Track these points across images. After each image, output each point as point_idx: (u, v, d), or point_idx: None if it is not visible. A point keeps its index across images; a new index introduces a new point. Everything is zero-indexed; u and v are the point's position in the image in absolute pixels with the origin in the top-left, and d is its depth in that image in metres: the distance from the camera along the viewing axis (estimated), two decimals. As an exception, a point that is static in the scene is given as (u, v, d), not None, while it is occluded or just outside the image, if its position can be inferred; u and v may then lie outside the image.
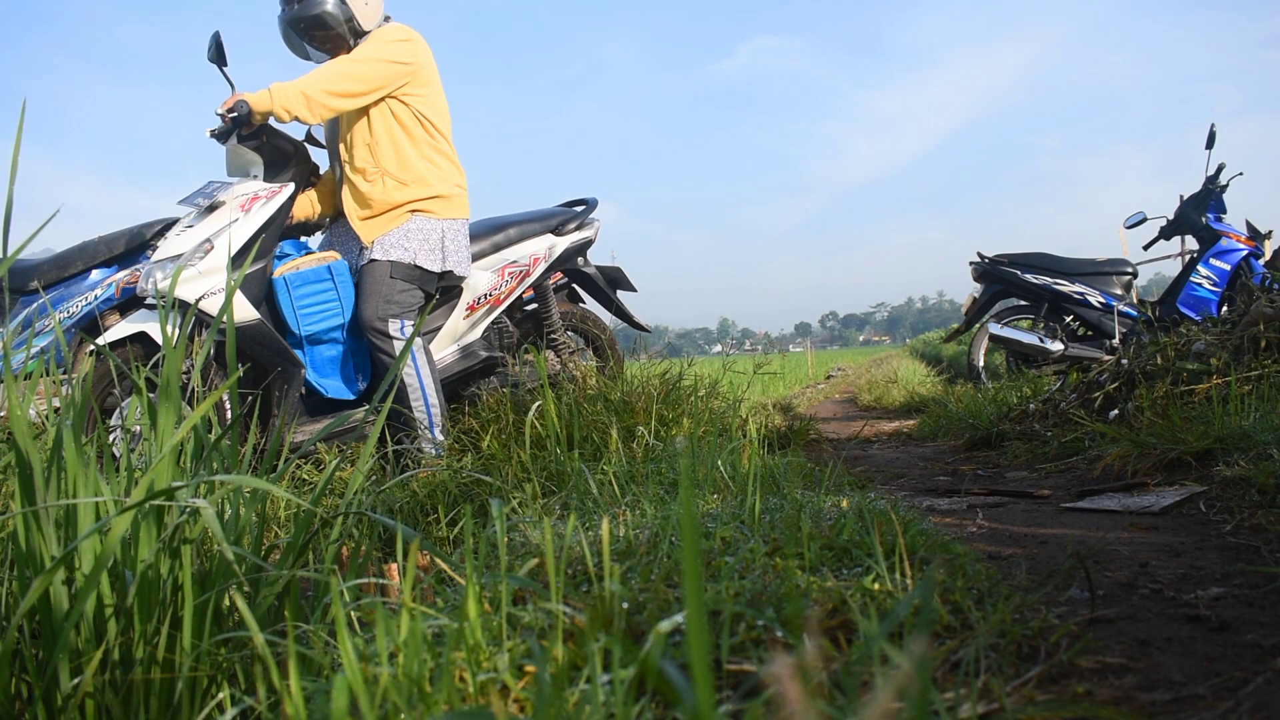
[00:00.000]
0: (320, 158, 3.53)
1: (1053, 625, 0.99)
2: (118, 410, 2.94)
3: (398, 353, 3.12)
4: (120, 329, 2.93)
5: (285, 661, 0.88)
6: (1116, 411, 2.92)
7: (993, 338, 6.00)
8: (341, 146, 3.29)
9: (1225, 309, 5.61)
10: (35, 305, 3.05)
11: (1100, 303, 5.89)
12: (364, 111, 3.20)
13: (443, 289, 3.43)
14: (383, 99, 3.18)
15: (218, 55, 3.08)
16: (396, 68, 3.15)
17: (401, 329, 3.15)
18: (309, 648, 1.00)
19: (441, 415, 3.18)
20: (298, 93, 3.00)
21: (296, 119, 3.04)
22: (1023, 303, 6.23)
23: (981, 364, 6.10)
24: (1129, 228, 6.63)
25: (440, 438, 3.11)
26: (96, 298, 3.14)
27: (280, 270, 3.16)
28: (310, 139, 3.50)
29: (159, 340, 2.92)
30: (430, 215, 3.24)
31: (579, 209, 3.84)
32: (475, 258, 3.50)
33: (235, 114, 2.97)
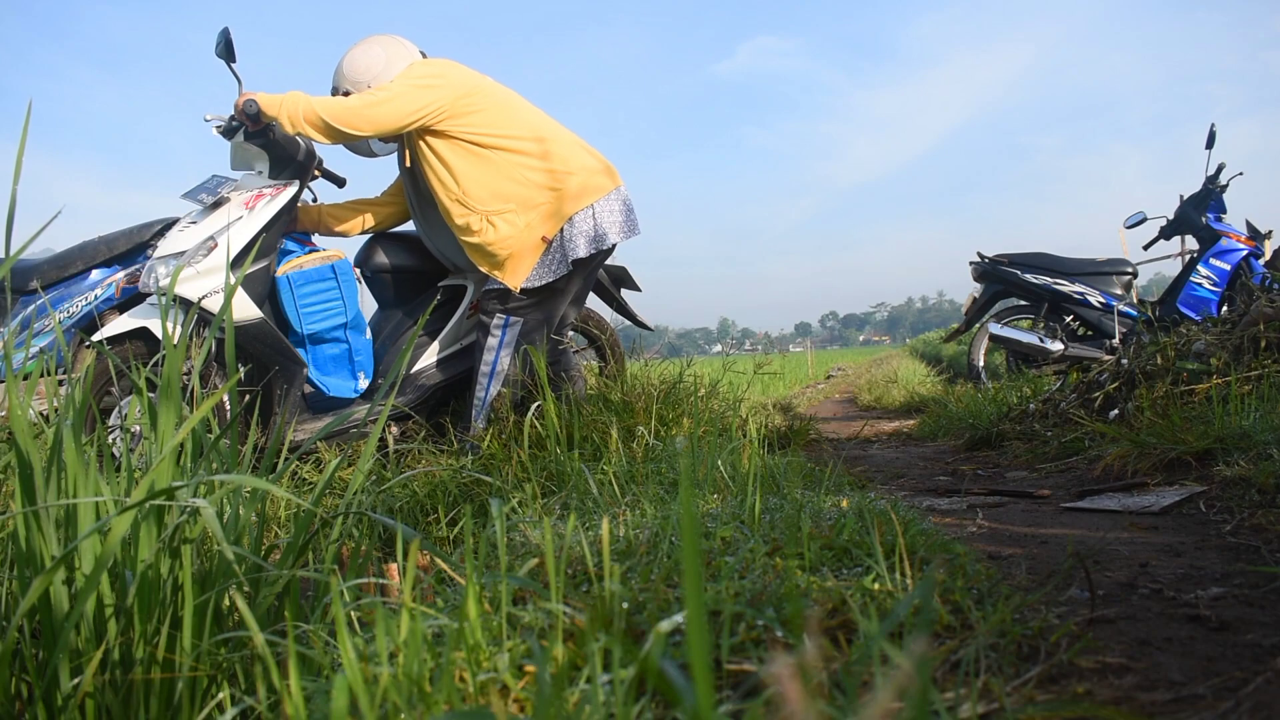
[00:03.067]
0: (326, 154, 3.50)
1: (1053, 625, 0.99)
2: (116, 409, 2.94)
3: (488, 342, 3.14)
4: (121, 323, 2.92)
5: (285, 661, 0.88)
6: (1116, 411, 2.92)
7: (993, 338, 5.99)
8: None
9: (1225, 309, 5.61)
10: (35, 305, 3.05)
11: (1100, 303, 5.89)
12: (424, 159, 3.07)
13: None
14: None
15: (226, 51, 3.07)
16: (421, 104, 2.96)
17: (492, 317, 3.16)
18: (309, 648, 1.00)
19: (486, 403, 3.16)
20: (314, 114, 2.89)
21: (304, 135, 2.95)
22: (1023, 303, 6.22)
23: (981, 364, 6.09)
24: (1129, 228, 6.63)
25: (479, 424, 3.10)
26: (96, 298, 3.14)
27: (283, 268, 3.16)
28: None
29: (160, 336, 2.91)
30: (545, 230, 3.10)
31: None
32: None
33: (244, 111, 2.95)
